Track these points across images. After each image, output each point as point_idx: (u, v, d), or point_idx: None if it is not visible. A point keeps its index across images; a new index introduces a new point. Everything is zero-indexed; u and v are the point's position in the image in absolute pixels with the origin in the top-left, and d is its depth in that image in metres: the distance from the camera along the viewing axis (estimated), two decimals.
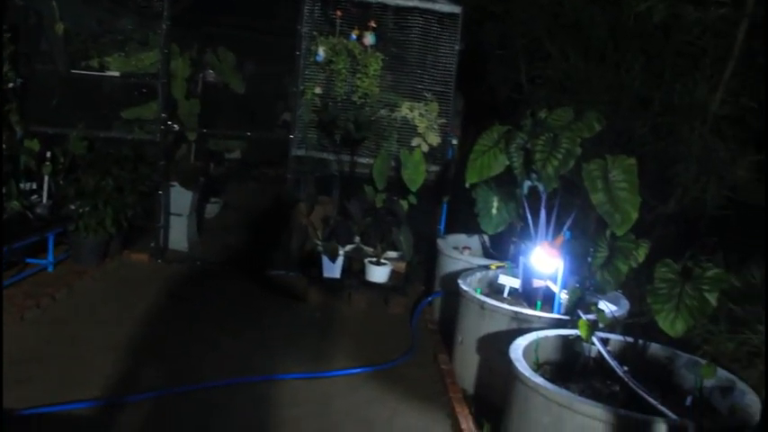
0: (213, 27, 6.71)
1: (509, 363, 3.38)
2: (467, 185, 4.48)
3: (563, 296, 4.08)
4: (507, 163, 4.27)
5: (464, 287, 4.44)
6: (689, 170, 6.17)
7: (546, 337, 3.78)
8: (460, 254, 5.32)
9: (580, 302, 3.54)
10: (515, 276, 4.69)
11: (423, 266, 6.16)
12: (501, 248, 5.59)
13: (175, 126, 6.37)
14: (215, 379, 4.20)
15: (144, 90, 6.37)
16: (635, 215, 3.83)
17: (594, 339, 3.54)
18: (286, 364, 4.53)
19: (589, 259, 3.37)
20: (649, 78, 6.95)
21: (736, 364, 5.23)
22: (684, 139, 6.36)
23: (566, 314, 3.65)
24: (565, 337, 3.80)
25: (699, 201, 6.09)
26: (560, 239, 4.03)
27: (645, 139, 6.78)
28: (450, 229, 6.04)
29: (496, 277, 4.82)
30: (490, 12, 7.72)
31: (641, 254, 3.33)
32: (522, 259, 4.65)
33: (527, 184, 4.22)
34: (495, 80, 8.35)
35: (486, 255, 5.73)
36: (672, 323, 2.98)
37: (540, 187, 4.06)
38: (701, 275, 3.03)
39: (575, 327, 3.59)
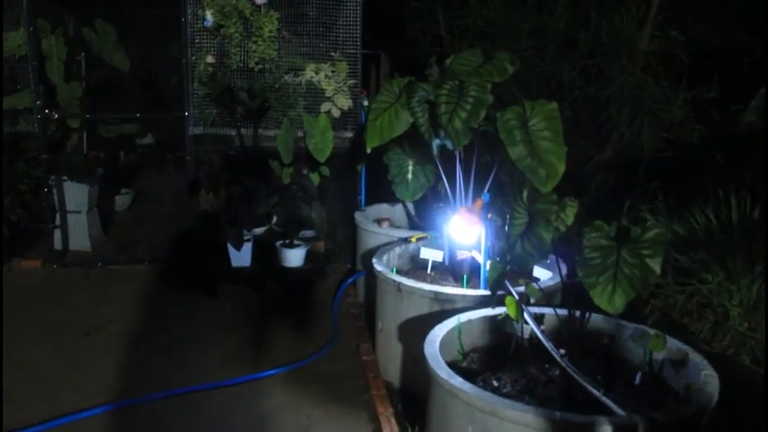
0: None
1: (422, 360, 2.74)
2: (367, 150, 3.79)
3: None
4: (411, 120, 3.59)
5: (378, 267, 3.78)
6: (622, 113, 5.59)
7: (470, 321, 3.16)
8: (379, 227, 4.66)
9: (504, 277, 2.90)
10: (439, 248, 4.06)
11: (349, 242, 5.50)
12: (426, 217, 4.94)
13: (55, 114, 5.53)
14: (93, 401, 3.50)
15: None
16: (562, 167, 3.20)
17: (526, 317, 2.93)
18: (188, 374, 3.85)
19: (506, 228, 2.72)
20: (574, 19, 6.36)
21: (686, 317, 4.74)
22: (615, 80, 5.78)
23: (490, 291, 3.02)
24: (492, 318, 3.19)
25: (635, 144, 5.53)
26: (479, 203, 3.39)
27: (575, 83, 6.20)
28: (374, 199, 5.36)
29: (418, 251, 4.18)
30: None
31: (569, 215, 2.70)
32: (444, 228, 4.01)
33: (436, 142, 3.55)
34: (414, 35, 7.68)
35: (412, 225, 5.08)
36: (609, 298, 2.36)
37: (449, 145, 3.40)
38: (639, 237, 2.41)
39: (503, 304, 2.98)
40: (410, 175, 4.24)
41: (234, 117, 5.23)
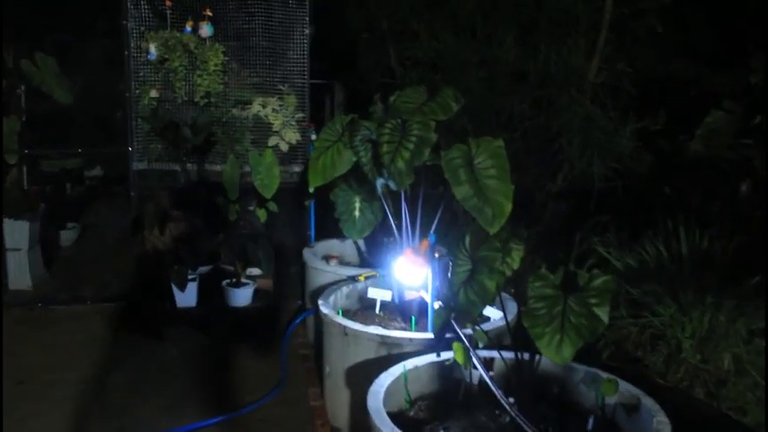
0: (28, 30, 5.60)
1: (366, 415, 2.57)
2: (310, 189, 3.64)
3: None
4: (354, 159, 3.45)
5: (324, 309, 3.61)
6: (572, 143, 5.54)
7: (417, 368, 3.00)
8: (327, 264, 4.49)
9: (449, 323, 2.76)
10: (388, 287, 3.91)
11: (298, 278, 5.31)
12: (376, 253, 4.80)
13: None
14: None
15: None
16: (509, 207, 3.08)
17: (475, 362, 2.78)
18: (126, 424, 3.61)
19: (449, 275, 2.58)
20: (524, 50, 6.34)
21: (640, 350, 4.66)
22: (564, 111, 5.74)
23: (435, 338, 2.87)
24: (440, 364, 3.04)
25: (586, 174, 5.47)
26: (425, 244, 3.25)
27: (525, 114, 6.15)
28: (325, 233, 5.19)
29: (367, 290, 4.02)
30: None
31: (515, 258, 2.58)
32: (392, 265, 3.86)
33: (380, 181, 3.41)
34: (365, 66, 7.59)
35: (362, 262, 4.93)
36: (557, 349, 2.23)
37: (392, 185, 3.26)
38: (586, 285, 2.29)
39: (451, 348, 2.84)
40: (357, 213, 4.10)
41: (179, 152, 5.03)
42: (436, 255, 3.23)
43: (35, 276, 5.78)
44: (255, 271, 4.92)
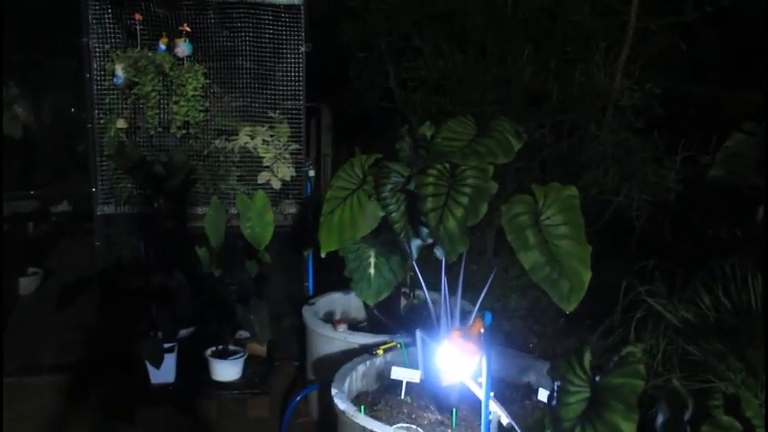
0: None
1: None
2: (322, 254, 2.80)
3: (494, 409, 2.47)
4: (382, 214, 2.62)
5: (340, 404, 2.76)
6: (608, 174, 4.75)
7: None
8: (334, 329, 3.63)
9: None
10: (412, 359, 3.09)
11: (296, 333, 4.44)
12: (392, 308, 3.96)
13: None
14: None
15: None
16: (587, 275, 2.29)
17: None
18: None
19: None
20: (539, 69, 5.58)
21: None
22: (595, 139, 4.96)
23: None
24: None
25: (625, 212, 4.69)
26: (479, 325, 2.42)
27: (545, 140, 5.38)
28: (324, 286, 4.34)
29: (387, 365, 3.19)
30: (347, 7, 6.14)
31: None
32: (419, 335, 3.03)
33: (416, 243, 2.58)
34: (361, 88, 6.79)
35: (372, 321, 4.07)
36: None
37: (439, 253, 2.43)
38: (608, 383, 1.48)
39: None
40: (372, 270, 3.25)
41: (152, 194, 4.17)
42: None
43: None
44: (246, 333, 4.04)
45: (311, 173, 4.38)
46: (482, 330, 2.38)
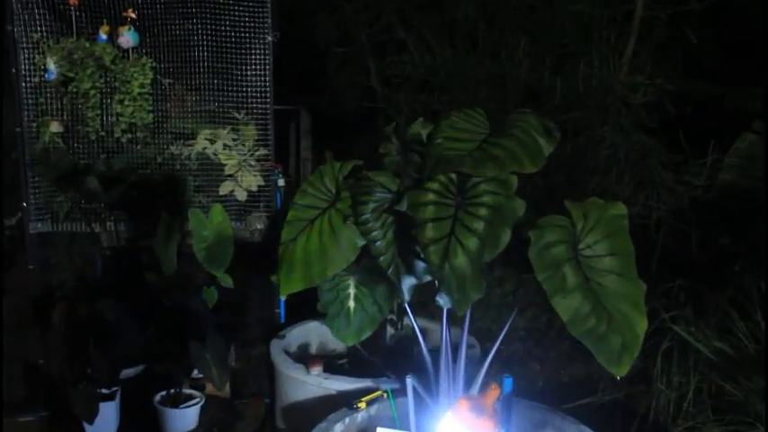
0: None
1: None
2: (281, 297, 2.15)
3: None
4: (362, 242, 1.97)
5: None
6: (623, 181, 4.13)
7: None
8: (307, 373, 2.98)
9: None
10: (403, 419, 2.43)
11: (263, 364, 3.78)
12: (376, 343, 3.31)
13: None
14: None
15: None
16: (643, 326, 1.65)
17: None
18: None
19: None
20: (538, 64, 4.99)
21: None
22: (605, 140, 4.35)
23: None
24: None
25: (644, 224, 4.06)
26: (495, 392, 1.78)
27: None
28: (301, 308, 3.66)
29: (371, 422, 2.55)
30: None
31: None
32: (410, 384, 2.39)
33: (409, 281, 1.93)
34: (339, 86, 6.17)
35: (353, 358, 3.42)
36: None
37: (442, 301, 1.78)
38: None
39: None
40: (352, 303, 2.59)
41: (89, 209, 3.50)
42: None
43: None
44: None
45: (281, 182, 3.72)
46: (498, 398, 1.74)
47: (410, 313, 2.26)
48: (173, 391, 3.28)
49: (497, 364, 3.67)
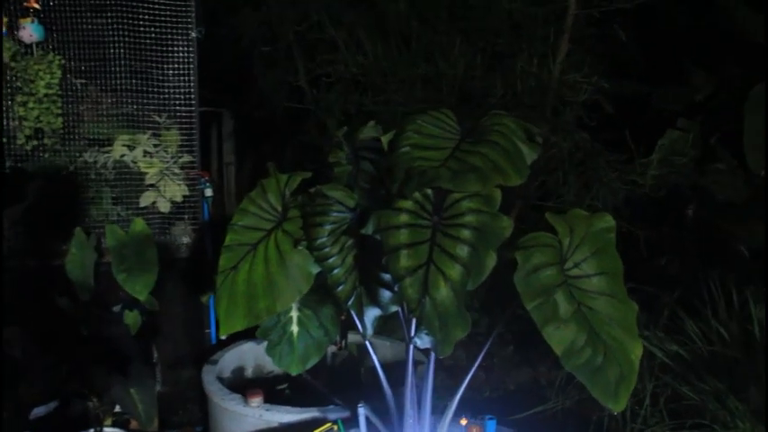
0: None
1: None
2: (221, 337, 1.85)
3: None
4: (316, 270, 1.70)
5: None
6: (568, 182, 4.00)
7: None
8: (245, 405, 2.67)
9: None
10: None
11: (197, 390, 3.44)
12: (317, 364, 3.03)
13: None
14: None
15: None
16: (638, 352, 1.46)
17: None
18: None
19: None
20: (474, 63, 4.83)
21: None
22: (543, 141, 4.21)
23: None
24: None
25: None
26: None
27: None
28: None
29: None
30: None
31: None
32: (362, 414, 2.14)
33: (372, 313, 1.67)
34: (266, 87, 5.83)
35: (295, 383, 3.14)
36: None
37: (420, 342, 1.53)
38: None
39: None
40: (295, 327, 2.31)
41: None
42: None
43: None
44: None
45: (208, 192, 3.39)
46: None
47: (385, 384, 1.99)
48: (92, 430, 2.91)
49: (442, 374, 3.48)
